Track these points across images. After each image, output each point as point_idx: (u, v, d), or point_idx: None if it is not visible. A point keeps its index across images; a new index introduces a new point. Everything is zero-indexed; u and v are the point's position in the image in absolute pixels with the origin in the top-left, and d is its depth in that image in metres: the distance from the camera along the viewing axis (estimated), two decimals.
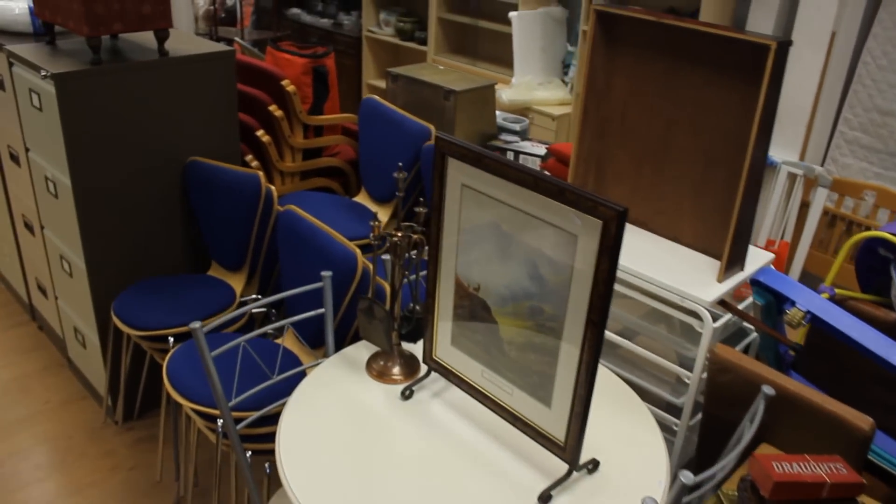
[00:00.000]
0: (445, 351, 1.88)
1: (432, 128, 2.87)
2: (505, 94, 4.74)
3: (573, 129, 4.64)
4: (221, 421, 2.07)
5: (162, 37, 2.59)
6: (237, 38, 4.12)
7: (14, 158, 3.02)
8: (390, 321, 1.93)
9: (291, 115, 3.12)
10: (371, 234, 2.00)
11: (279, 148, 3.16)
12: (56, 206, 2.71)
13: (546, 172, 2.82)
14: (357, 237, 2.84)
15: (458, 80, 3.22)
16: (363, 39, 5.63)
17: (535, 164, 3.22)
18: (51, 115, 2.49)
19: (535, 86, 4.75)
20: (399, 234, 1.95)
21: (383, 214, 3.05)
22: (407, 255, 1.97)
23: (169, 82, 2.61)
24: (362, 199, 3.15)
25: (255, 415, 1.98)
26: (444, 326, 1.87)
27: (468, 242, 1.78)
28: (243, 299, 2.65)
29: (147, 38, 2.85)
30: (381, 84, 5.64)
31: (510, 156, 3.20)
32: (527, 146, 3.25)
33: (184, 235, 2.84)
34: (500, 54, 5.21)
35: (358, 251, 2.15)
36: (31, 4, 2.86)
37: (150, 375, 2.91)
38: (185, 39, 2.87)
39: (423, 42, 5.31)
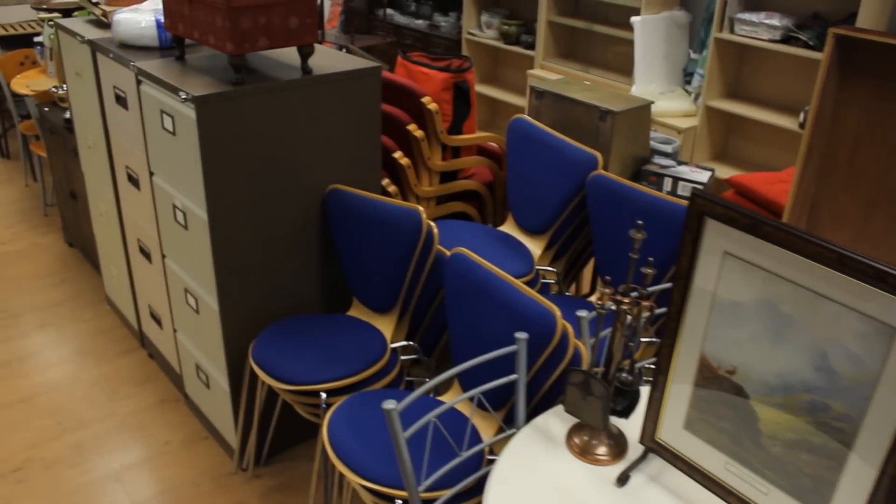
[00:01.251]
0: (675, 434, 1.58)
1: (599, 156, 2.52)
2: None
3: (796, 168, 4.25)
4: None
5: (307, 53, 2.28)
6: (349, 45, 3.81)
7: (133, 181, 2.75)
8: (609, 398, 1.62)
9: (430, 135, 2.79)
10: (594, 299, 1.66)
11: (416, 171, 2.83)
12: (184, 237, 2.42)
13: None
14: (515, 275, 2.50)
15: (611, 98, 2.85)
16: (463, 42, 5.28)
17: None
18: (186, 140, 2.20)
19: (657, 95, 4.36)
20: (627, 301, 1.62)
21: (535, 247, 2.71)
22: (632, 323, 1.64)
23: (312, 103, 2.31)
24: (509, 228, 2.81)
25: (445, 495, 1.67)
26: (676, 407, 1.57)
27: (724, 318, 1.46)
28: (394, 345, 2.33)
29: (283, 52, 2.54)
30: (484, 90, 5.30)
31: (667, 183, 2.83)
32: (685, 172, 2.87)
33: (322, 271, 2.53)
34: (613, 60, 4.82)
35: (557, 311, 1.82)
36: (160, 18, 2.57)
37: (281, 419, 2.62)
38: (322, 53, 2.56)
39: (530, 46, 4.95)
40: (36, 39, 4.41)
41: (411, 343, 2.39)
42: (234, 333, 2.40)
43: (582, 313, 1.92)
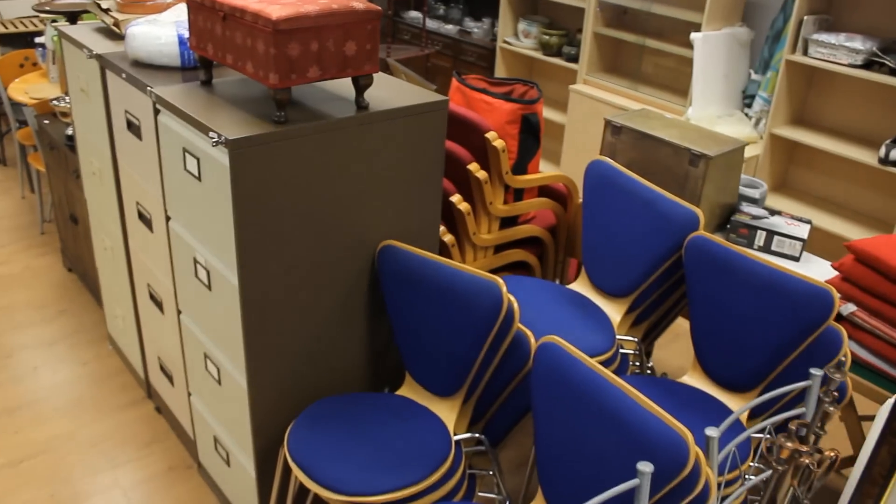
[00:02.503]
0: None
1: (700, 214, 2.10)
2: None
3: None
4: None
5: (365, 85, 1.85)
6: (391, 60, 3.37)
7: (145, 221, 2.32)
8: None
9: (493, 175, 2.37)
10: (771, 453, 1.25)
11: (475, 216, 2.41)
12: (206, 297, 2.00)
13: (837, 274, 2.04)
14: (595, 352, 2.09)
15: (701, 138, 2.43)
16: (497, 51, 4.85)
17: (794, 250, 2.43)
18: (214, 188, 1.77)
19: (715, 119, 3.94)
20: (805, 449, 1.21)
21: (614, 312, 2.29)
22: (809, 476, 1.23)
23: (367, 143, 1.88)
24: (583, 287, 2.39)
25: None
26: None
27: None
28: (458, 437, 1.91)
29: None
30: None
31: (759, 237, 2.41)
32: (780, 224, 2.45)
33: (369, 341, 2.11)
34: (665, 78, 4.39)
35: (688, 435, 1.40)
36: (182, 33, 2.13)
37: None
38: (375, 80, 2.13)
39: (572, 59, 4.52)
40: (38, 40, 3.96)
41: (477, 435, 1.96)
42: (264, 414, 1.98)
43: (711, 432, 1.51)
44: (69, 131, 3.08)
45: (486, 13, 5.27)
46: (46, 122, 3.32)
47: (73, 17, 3.14)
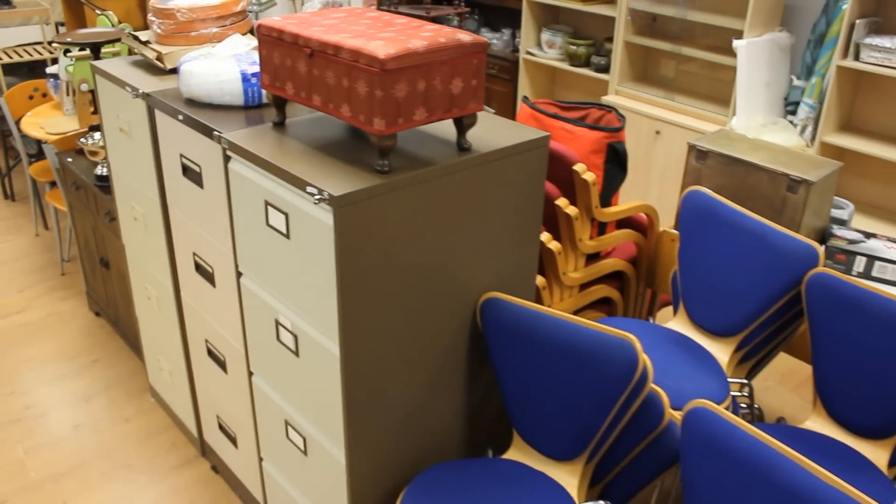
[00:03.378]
0: None
1: (819, 250, 1.91)
2: None
3: None
4: None
5: (469, 124, 1.65)
6: None
7: (205, 274, 2.10)
8: None
9: (582, 210, 2.17)
10: None
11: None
12: (291, 362, 1.78)
13: None
14: (712, 400, 1.89)
15: (795, 161, 2.25)
16: (521, 63, 4.65)
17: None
18: (311, 248, 1.56)
19: (760, 128, 3.77)
20: None
21: (720, 352, 2.10)
22: None
23: (468, 189, 1.68)
24: (682, 326, 2.19)
25: None
26: None
27: None
28: None
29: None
30: None
31: (858, 262, 2.22)
32: (879, 248, 2.27)
33: (471, 401, 1.91)
34: (702, 87, 4.21)
35: None
36: (246, 70, 1.91)
37: None
38: None
39: (602, 69, 4.33)
40: (49, 70, 3.71)
41: (602, 503, 1.76)
42: (363, 487, 1.77)
43: None
44: (100, 171, 2.84)
45: (505, 24, 5.07)
46: (70, 160, 3.07)
47: (96, 49, 2.90)
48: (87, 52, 3.12)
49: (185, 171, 2.03)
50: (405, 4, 4.76)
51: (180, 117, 1.94)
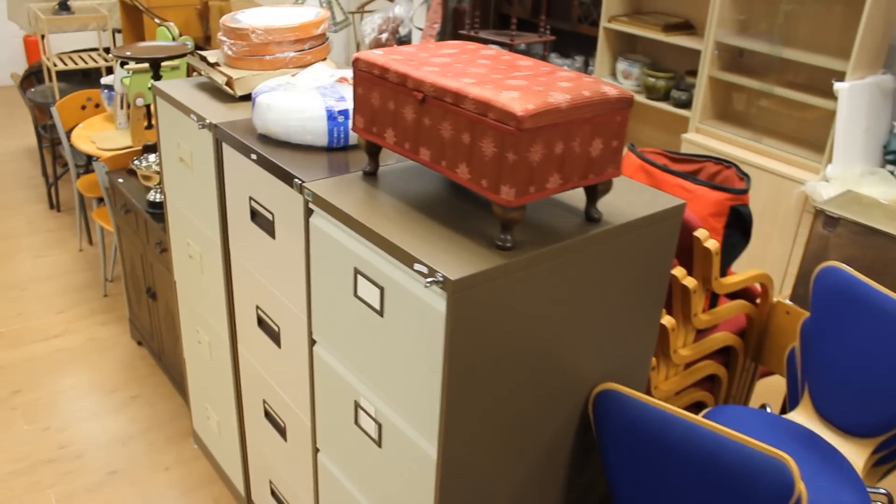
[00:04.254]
0: None
1: None
2: (823, 189, 3.43)
3: None
4: None
5: (603, 191, 1.36)
6: None
7: (269, 332, 1.84)
8: None
9: (698, 280, 1.87)
10: None
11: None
12: (371, 452, 1.51)
13: None
14: None
15: None
16: None
17: None
18: (413, 332, 1.29)
19: (858, 178, 3.43)
20: None
21: (853, 454, 1.78)
22: None
23: (594, 265, 1.39)
24: (806, 418, 1.88)
25: None
26: None
27: None
28: None
29: None
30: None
31: None
32: None
33: (570, 496, 1.62)
34: (791, 129, 3.89)
35: None
36: (332, 107, 1.65)
37: None
38: None
39: (682, 104, 4.02)
40: (104, 80, 3.49)
41: None
42: None
43: None
44: (153, 196, 2.60)
45: (576, 50, 4.78)
46: (121, 180, 2.84)
47: (156, 65, 2.66)
48: (146, 66, 2.89)
49: (255, 216, 1.77)
50: (486, 30, 4.48)
51: (254, 156, 1.68)
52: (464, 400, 1.29)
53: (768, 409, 1.95)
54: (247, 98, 2.00)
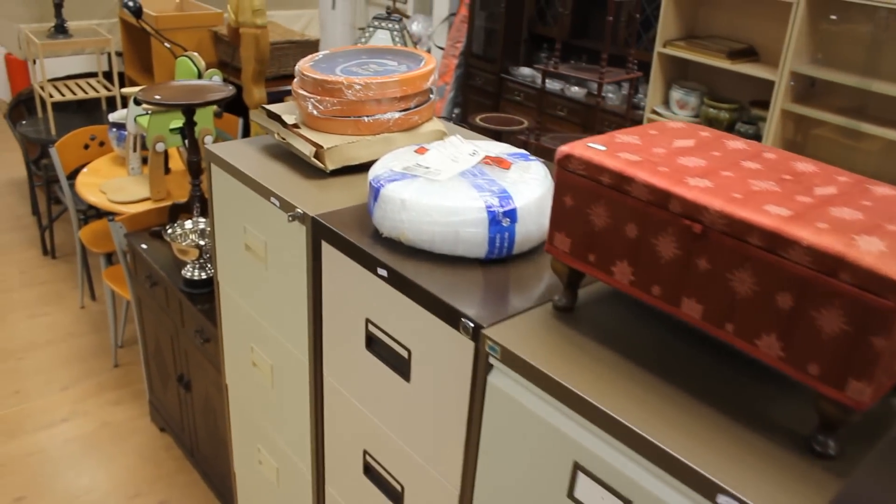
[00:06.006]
0: None
1: None
2: None
3: None
4: None
5: None
6: None
7: (385, 487, 1.37)
8: None
9: None
10: None
11: None
12: None
13: None
14: None
15: None
16: (644, 122, 3.93)
17: None
18: None
19: None
20: None
21: None
22: None
23: None
24: None
25: None
26: None
27: None
28: None
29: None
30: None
31: None
32: None
33: None
34: (868, 166, 3.50)
35: None
36: (491, 206, 1.18)
37: None
38: None
39: (749, 138, 3.61)
40: (113, 118, 2.98)
41: None
42: None
43: None
44: (191, 274, 2.11)
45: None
46: (144, 246, 2.34)
47: (189, 112, 2.17)
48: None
49: (372, 342, 1.30)
50: (566, 64, 3.99)
51: (382, 272, 1.21)
52: None
53: None
54: (339, 172, 1.53)
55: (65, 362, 2.97)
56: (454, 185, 1.23)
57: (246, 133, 3.47)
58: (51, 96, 3.48)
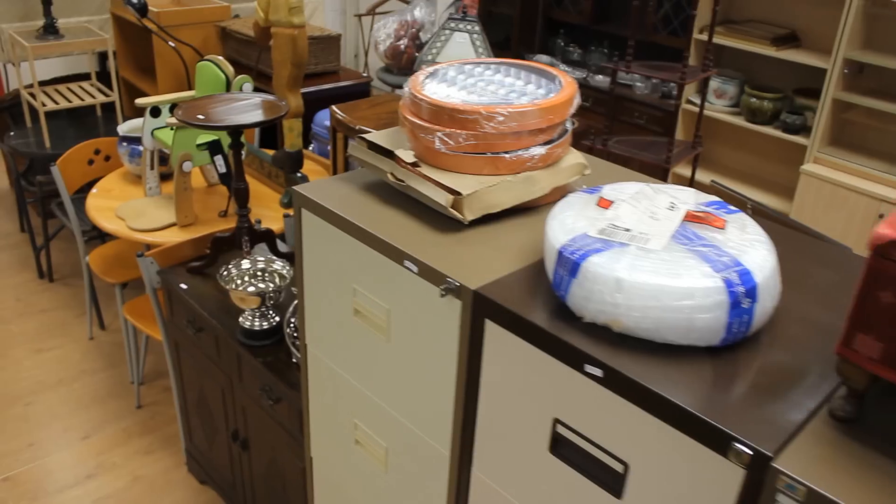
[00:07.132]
0: None
1: None
2: None
3: None
4: None
5: None
6: (718, 183, 2.18)
7: None
8: None
9: None
10: None
11: None
12: None
13: None
14: None
15: None
16: (679, 114, 3.69)
17: None
18: None
19: None
20: None
21: None
22: None
23: None
24: None
25: None
26: None
27: None
28: None
29: None
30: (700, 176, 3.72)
31: None
32: None
33: None
34: None
35: None
36: (730, 282, 0.93)
37: None
38: None
39: (795, 130, 3.41)
40: (122, 130, 2.63)
41: None
42: None
43: None
44: (250, 323, 1.81)
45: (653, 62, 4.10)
46: (184, 286, 2.03)
47: (237, 133, 1.86)
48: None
49: (559, 445, 1.04)
50: (640, 62, 3.64)
51: (596, 371, 0.94)
52: None
53: None
54: (475, 221, 1.25)
55: (81, 405, 2.64)
56: (676, 256, 0.96)
57: (265, 141, 3.14)
58: (43, 105, 3.08)
